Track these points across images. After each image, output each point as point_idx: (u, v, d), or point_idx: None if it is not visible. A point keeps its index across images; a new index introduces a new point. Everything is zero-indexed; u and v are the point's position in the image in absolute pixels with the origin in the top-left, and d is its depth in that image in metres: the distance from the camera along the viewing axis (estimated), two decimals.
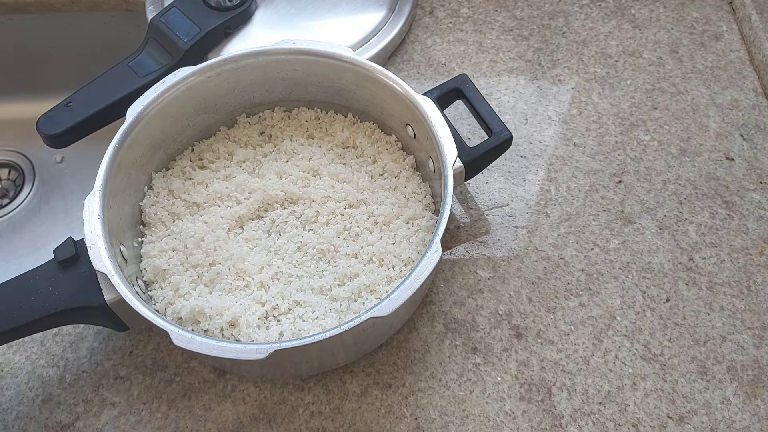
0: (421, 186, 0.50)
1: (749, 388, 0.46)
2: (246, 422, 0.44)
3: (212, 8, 0.58)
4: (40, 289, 0.41)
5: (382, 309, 0.37)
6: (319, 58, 0.49)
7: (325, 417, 0.45)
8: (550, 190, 0.55)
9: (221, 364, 0.46)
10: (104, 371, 0.47)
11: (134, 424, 0.45)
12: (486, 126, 0.49)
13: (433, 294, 0.50)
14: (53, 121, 0.51)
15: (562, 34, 0.65)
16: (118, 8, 0.69)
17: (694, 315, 0.49)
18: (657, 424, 0.44)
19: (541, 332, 0.48)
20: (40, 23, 0.71)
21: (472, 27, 0.66)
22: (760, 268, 0.51)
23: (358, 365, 0.47)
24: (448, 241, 0.52)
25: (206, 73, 0.48)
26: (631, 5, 0.67)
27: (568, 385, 0.46)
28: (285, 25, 0.61)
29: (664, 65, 0.63)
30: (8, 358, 0.47)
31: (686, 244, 0.52)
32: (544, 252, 0.52)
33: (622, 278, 0.50)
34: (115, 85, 0.53)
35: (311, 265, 0.46)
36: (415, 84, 0.62)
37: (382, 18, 0.62)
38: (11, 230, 0.72)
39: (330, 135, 0.53)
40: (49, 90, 0.76)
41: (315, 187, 0.49)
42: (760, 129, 0.58)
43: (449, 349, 0.47)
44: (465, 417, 0.44)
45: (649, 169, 0.56)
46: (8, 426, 0.45)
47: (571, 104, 0.60)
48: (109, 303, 0.41)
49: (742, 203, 0.54)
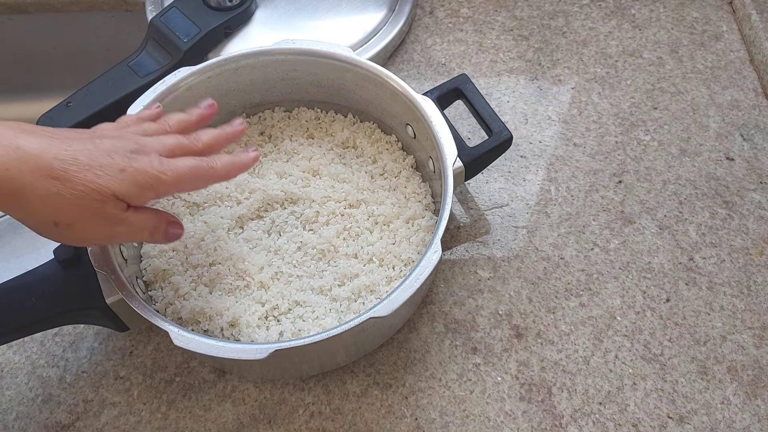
0: (421, 186, 0.50)
1: (749, 388, 0.46)
2: (246, 422, 0.44)
3: (212, 8, 0.58)
4: (40, 289, 0.41)
5: (382, 309, 0.37)
6: (319, 58, 0.49)
7: (325, 417, 0.45)
8: (550, 190, 0.55)
9: (221, 364, 0.46)
10: (104, 371, 0.47)
11: (134, 424, 0.45)
12: (486, 126, 0.49)
13: (433, 294, 0.50)
14: (53, 121, 0.51)
15: (562, 34, 0.65)
16: (118, 8, 0.69)
17: (694, 315, 0.49)
18: (657, 424, 0.44)
19: (541, 332, 0.48)
20: (40, 23, 0.71)
21: (472, 27, 0.66)
22: (760, 268, 0.51)
23: (358, 365, 0.47)
24: (448, 241, 0.52)
25: (206, 73, 0.48)
26: (631, 5, 0.67)
27: (568, 385, 0.46)
28: (285, 25, 0.61)
29: (664, 65, 0.63)
30: (8, 358, 0.47)
31: (686, 244, 0.52)
32: (544, 252, 0.52)
33: (622, 278, 0.50)
34: (115, 85, 0.53)
35: (311, 265, 0.46)
36: (415, 84, 0.62)
37: (382, 18, 0.62)
38: (11, 230, 0.72)
39: (330, 135, 0.53)
40: (49, 90, 0.76)
41: (315, 187, 0.49)
42: (760, 129, 0.58)
43: (449, 350, 0.47)
44: (465, 417, 0.44)
45: (649, 169, 0.56)
46: (8, 426, 0.45)
47: (571, 104, 0.60)
48: (110, 303, 0.41)
49: (742, 203, 0.54)
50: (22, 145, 0.32)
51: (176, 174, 0.36)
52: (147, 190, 0.35)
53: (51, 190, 0.32)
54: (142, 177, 0.35)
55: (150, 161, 0.35)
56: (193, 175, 0.37)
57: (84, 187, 0.33)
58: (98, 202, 0.34)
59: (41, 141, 0.33)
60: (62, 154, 0.33)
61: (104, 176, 0.33)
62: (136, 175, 0.34)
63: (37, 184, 0.32)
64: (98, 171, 0.33)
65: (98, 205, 0.34)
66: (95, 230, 0.35)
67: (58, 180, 0.32)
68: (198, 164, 0.37)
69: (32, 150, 0.32)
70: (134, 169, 0.34)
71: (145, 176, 0.35)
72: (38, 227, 0.34)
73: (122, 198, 0.34)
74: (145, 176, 0.35)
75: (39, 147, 0.32)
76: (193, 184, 0.38)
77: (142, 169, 0.35)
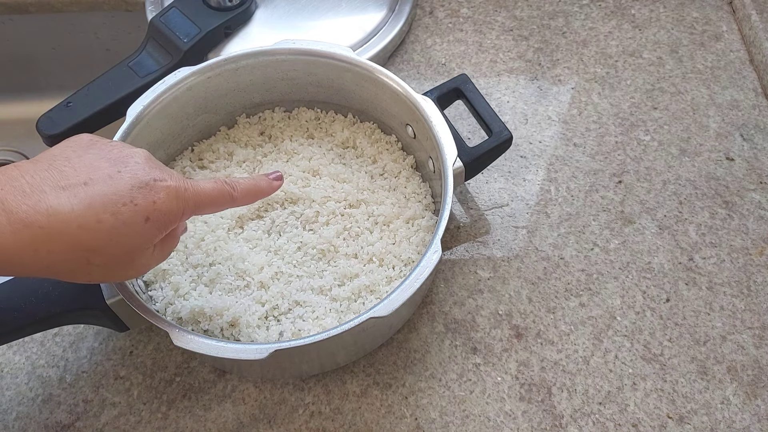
0: (421, 186, 0.50)
1: (749, 388, 0.46)
2: (246, 422, 0.44)
3: (212, 8, 0.58)
4: (41, 290, 0.41)
5: (382, 309, 0.37)
6: (319, 58, 0.49)
7: (325, 417, 0.45)
8: (550, 190, 0.55)
9: (221, 364, 0.46)
10: (104, 371, 0.47)
11: (134, 424, 0.45)
12: (486, 126, 0.49)
13: (433, 294, 0.50)
14: (53, 121, 0.51)
15: (562, 34, 0.65)
16: (118, 8, 0.69)
17: (694, 315, 0.49)
18: (657, 424, 0.44)
19: (541, 332, 0.48)
20: (40, 23, 0.71)
21: (472, 27, 0.66)
22: (760, 268, 0.51)
23: (358, 365, 0.47)
24: (448, 241, 0.52)
25: (206, 73, 0.48)
26: (631, 5, 0.67)
27: (568, 385, 0.46)
28: (285, 25, 0.61)
29: (664, 65, 0.63)
30: (8, 358, 0.47)
31: (686, 244, 0.52)
32: (544, 252, 0.52)
33: (622, 278, 0.50)
34: (115, 85, 0.53)
35: (311, 265, 0.46)
36: (415, 84, 0.62)
37: (382, 18, 0.62)
38: None
39: (330, 135, 0.53)
40: (49, 90, 0.76)
41: (315, 187, 0.49)
42: (760, 129, 0.58)
43: (449, 349, 0.47)
44: (465, 417, 0.44)
45: (649, 169, 0.56)
46: (8, 426, 0.45)
47: (571, 104, 0.60)
48: (110, 303, 0.41)
49: (742, 203, 0.54)
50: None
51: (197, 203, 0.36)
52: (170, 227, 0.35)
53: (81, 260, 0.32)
54: (165, 218, 0.34)
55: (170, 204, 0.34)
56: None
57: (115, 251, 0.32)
58: (128, 259, 0.33)
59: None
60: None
61: (131, 235, 0.32)
62: (159, 218, 0.33)
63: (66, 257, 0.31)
64: (124, 230, 0.32)
65: (128, 260, 0.33)
66: (127, 275, 0.35)
67: (89, 252, 0.32)
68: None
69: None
70: (158, 212, 0.33)
71: (168, 217, 0.34)
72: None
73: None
74: (168, 217, 0.34)
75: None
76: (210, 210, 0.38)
77: (165, 210, 0.33)
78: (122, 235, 0.32)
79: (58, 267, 0.31)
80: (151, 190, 0.33)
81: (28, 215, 0.29)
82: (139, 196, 0.32)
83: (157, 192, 0.33)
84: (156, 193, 0.33)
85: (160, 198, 0.33)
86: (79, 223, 0.30)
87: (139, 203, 0.32)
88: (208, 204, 0.37)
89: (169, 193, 0.33)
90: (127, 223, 0.32)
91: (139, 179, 0.33)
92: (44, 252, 0.30)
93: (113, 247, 0.32)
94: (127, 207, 0.32)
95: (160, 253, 0.36)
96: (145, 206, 0.32)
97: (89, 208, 0.31)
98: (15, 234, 0.29)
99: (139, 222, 0.32)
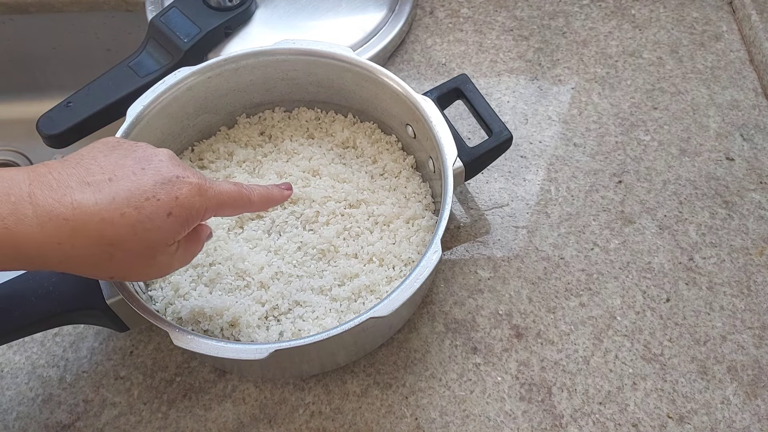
0: (421, 186, 0.50)
1: (749, 388, 0.46)
2: (246, 422, 0.44)
3: (212, 8, 0.58)
4: (41, 290, 0.41)
5: (382, 309, 0.37)
6: (319, 58, 0.49)
7: (326, 417, 0.45)
8: (550, 190, 0.55)
9: (221, 364, 0.46)
10: (104, 371, 0.47)
11: (134, 424, 0.45)
12: (486, 126, 0.49)
13: (433, 294, 0.50)
14: (53, 121, 0.51)
15: (562, 34, 0.65)
16: (118, 8, 0.69)
17: (694, 315, 0.49)
18: (657, 424, 0.44)
19: (541, 332, 0.48)
20: (40, 23, 0.71)
21: (472, 27, 0.66)
22: (760, 268, 0.51)
23: (358, 365, 0.47)
24: (448, 241, 0.52)
25: (206, 73, 0.48)
26: (631, 5, 0.67)
27: (568, 385, 0.46)
28: (285, 25, 0.61)
29: (664, 65, 0.63)
30: (8, 358, 0.47)
31: (686, 244, 0.52)
32: (544, 252, 0.52)
33: (622, 278, 0.50)
34: (115, 85, 0.53)
35: (311, 265, 0.46)
36: (415, 84, 0.62)
37: (382, 18, 0.62)
38: None
39: (330, 135, 0.53)
40: (49, 90, 0.76)
41: (315, 187, 0.49)
42: (760, 129, 0.58)
43: (449, 349, 0.47)
44: (465, 417, 0.44)
45: (649, 169, 0.56)
46: (8, 426, 0.45)
47: (571, 104, 0.60)
48: (110, 303, 0.41)
49: (742, 203, 0.54)
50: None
51: (218, 203, 0.36)
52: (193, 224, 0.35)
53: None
54: (187, 213, 0.34)
55: (191, 196, 0.34)
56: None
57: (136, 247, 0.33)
58: (150, 254, 0.34)
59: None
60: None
61: (154, 229, 0.32)
62: (181, 213, 0.34)
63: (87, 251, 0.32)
64: (147, 224, 0.32)
65: (150, 255, 0.34)
66: (149, 274, 0.35)
67: (112, 246, 0.32)
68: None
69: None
70: (180, 207, 0.34)
71: (190, 212, 0.34)
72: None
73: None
74: (190, 212, 0.34)
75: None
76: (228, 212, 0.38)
77: (187, 206, 0.34)
78: (145, 229, 0.32)
79: (80, 262, 0.32)
80: (174, 186, 0.33)
81: (54, 208, 0.30)
82: (161, 192, 0.33)
83: (180, 188, 0.33)
84: (179, 188, 0.33)
85: (182, 193, 0.33)
86: (102, 216, 0.31)
87: (161, 198, 0.33)
88: (229, 204, 0.37)
89: (191, 189, 0.34)
90: (149, 217, 0.32)
91: (163, 175, 0.33)
92: (68, 246, 0.30)
93: (135, 241, 0.32)
94: (149, 201, 0.32)
95: (183, 253, 0.36)
96: (167, 201, 0.33)
97: (113, 201, 0.31)
98: (41, 226, 0.30)
99: (162, 216, 0.33)
